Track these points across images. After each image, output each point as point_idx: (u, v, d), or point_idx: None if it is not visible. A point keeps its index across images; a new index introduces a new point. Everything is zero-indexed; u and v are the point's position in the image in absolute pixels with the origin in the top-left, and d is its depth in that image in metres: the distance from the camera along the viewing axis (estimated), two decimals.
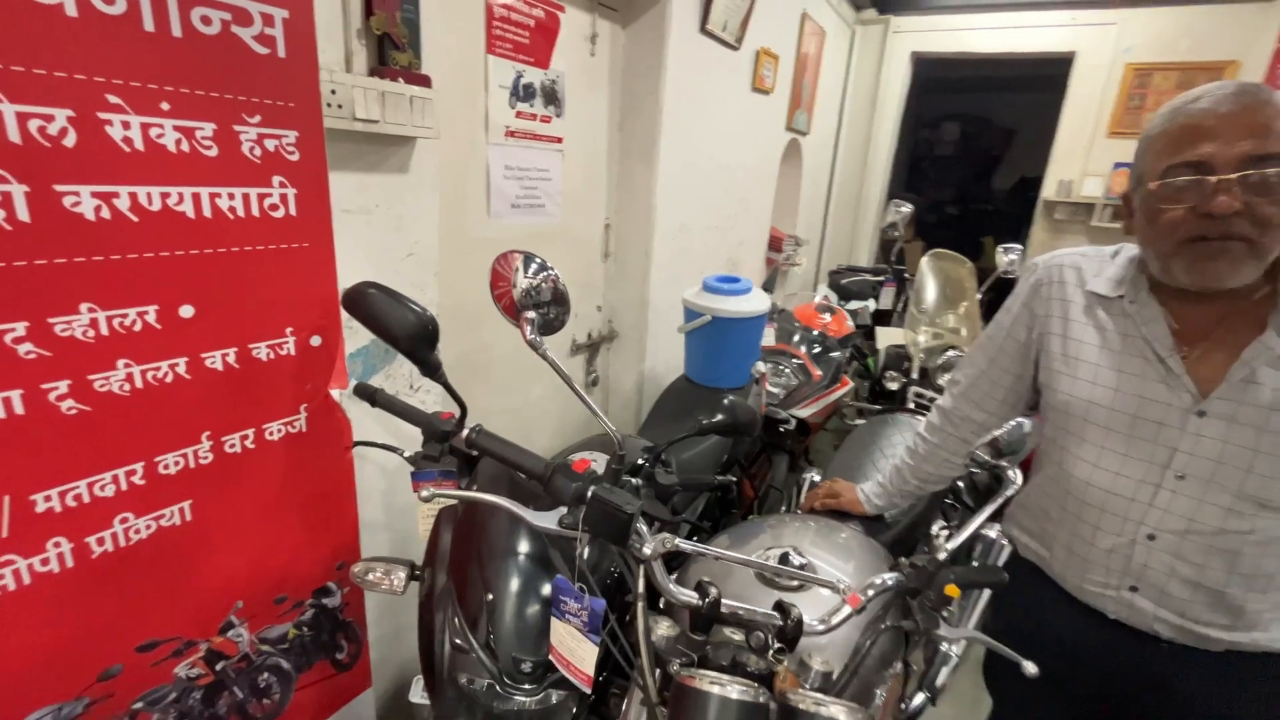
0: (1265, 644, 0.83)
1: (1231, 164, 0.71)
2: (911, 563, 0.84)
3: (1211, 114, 0.73)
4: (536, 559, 0.95)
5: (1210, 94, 0.74)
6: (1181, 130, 0.75)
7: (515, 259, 0.77)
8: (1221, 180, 0.71)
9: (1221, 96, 0.73)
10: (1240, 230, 0.72)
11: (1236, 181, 0.70)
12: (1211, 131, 0.72)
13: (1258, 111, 0.71)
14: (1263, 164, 0.70)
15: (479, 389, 1.88)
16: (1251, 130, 0.70)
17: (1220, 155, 0.72)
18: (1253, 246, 0.73)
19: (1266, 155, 0.70)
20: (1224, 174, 0.71)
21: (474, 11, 1.61)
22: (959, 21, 4.01)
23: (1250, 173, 0.70)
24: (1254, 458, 0.78)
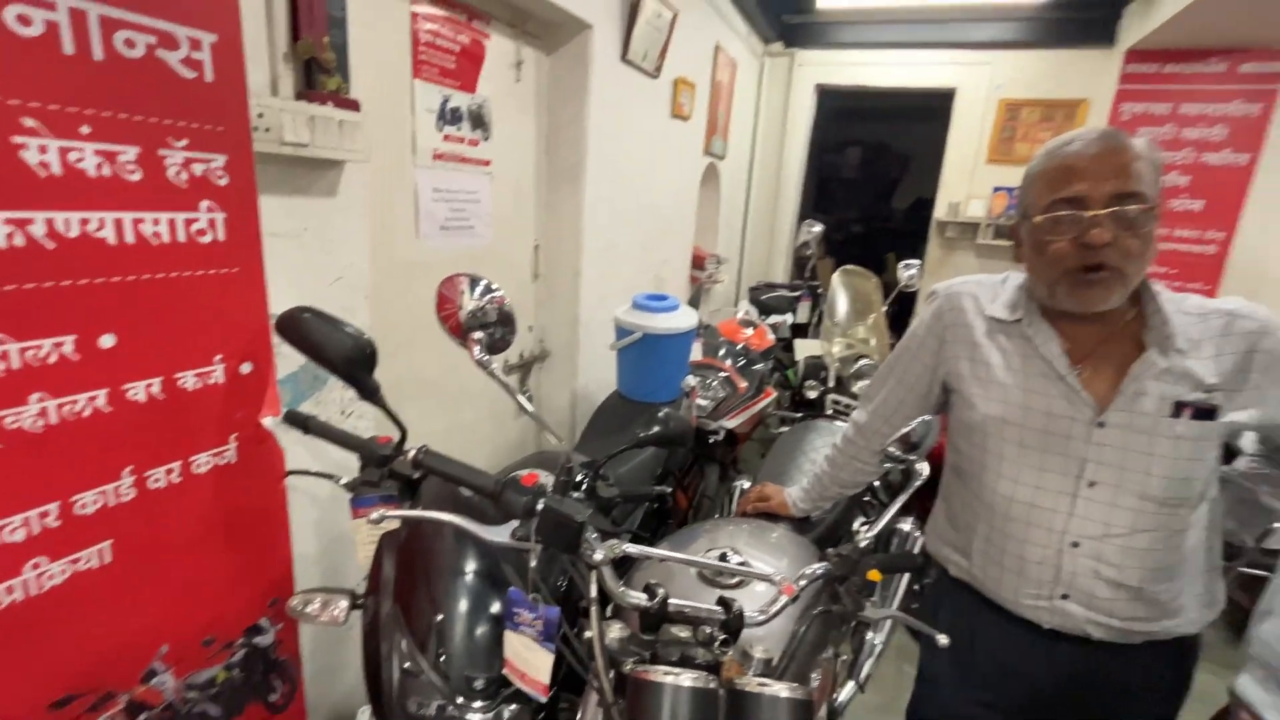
0: (1175, 630, 0.92)
1: (1101, 201, 0.81)
2: (838, 552, 0.91)
3: (1083, 156, 0.83)
4: (486, 576, 0.96)
5: (1080, 138, 0.85)
6: (1058, 170, 0.85)
7: (461, 282, 0.80)
8: (1095, 215, 0.81)
9: (1089, 140, 0.84)
10: (1111, 260, 0.82)
11: (1106, 216, 0.81)
12: (1084, 172, 0.82)
13: (1119, 155, 0.81)
14: (1125, 201, 0.80)
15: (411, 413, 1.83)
16: (1116, 171, 0.81)
17: (1092, 193, 0.81)
18: (1121, 274, 0.83)
19: (1128, 193, 0.81)
20: (1096, 210, 0.81)
21: (400, 37, 1.62)
22: (856, 57, 4.35)
23: (1117, 209, 0.81)
24: (1150, 461, 0.86)
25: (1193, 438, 0.85)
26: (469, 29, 1.81)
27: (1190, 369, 0.85)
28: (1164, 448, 0.85)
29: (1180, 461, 0.85)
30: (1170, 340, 0.85)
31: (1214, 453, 0.88)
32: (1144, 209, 0.81)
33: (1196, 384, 0.85)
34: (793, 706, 0.69)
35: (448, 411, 2.01)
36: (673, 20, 2.58)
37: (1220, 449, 0.90)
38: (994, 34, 4.00)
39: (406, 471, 1.02)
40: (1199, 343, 0.86)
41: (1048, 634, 0.95)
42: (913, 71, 4.25)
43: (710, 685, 0.70)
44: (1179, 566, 0.90)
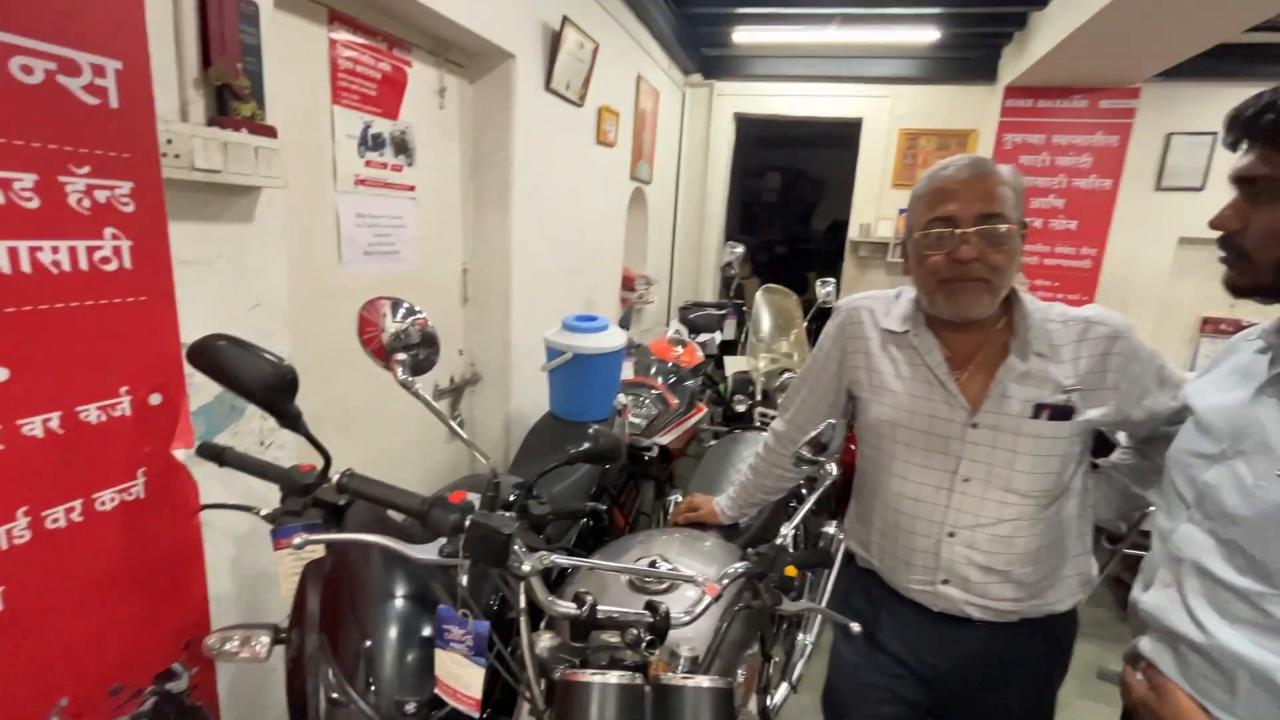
0: (1047, 608, 1.01)
1: (970, 220, 0.91)
2: (757, 551, 0.97)
3: (955, 180, 0.93)
4: (416, 598, 0.96)
5: (954, 164, 0.96)
6: (934, 192, 0.95)
7: (383, 305, 0.81)
8: (964, 232, 0.91)
9: (961, 166, 0.95)
10: (978, 273, 0.92)
11: (974, 233, 0.91)
12: (955, 194, 0.92)
13: (985, 180, 0.92)
14: (991, 220, 0.91)
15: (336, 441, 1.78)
16: (982, 195, 0.92)
17: (962, 212, 0.91)
18: (989, 285, 0.92)
19: (993, 214, 0.91)
20: (965, 228, 0.91)
21: (319, 64, 1.61)
22: (771, 88, 4.62)
23: (983, 227, 0.91)
24: (1014, 458, 0.95)
25: (1050, 436, 0.95)
26: (390, 57, 1.82)
27: (1050, 373, 0.95)
28: (1026, 446, 0.95)
29: (1040, 458, 0.95)
30: (1029, 346, 0.96)
31: (1075, 449, 0.98)
32: (1007, 228, 0.92)
33: (1056, 387, 0.95)
34: (714, 695, 0.74)
35: (375, 438, 1.97)
36: (594, 51, 2.67)
37: (1084, 445, 1.00)
38: (893, 70, 4.35)
39: (331, 498, 1.00)
40: (1059, 348, 0.97)
41: (938, 616, 1.03)
42: (822, 103, 4.55)
43: (636, 681, 0.74)
44: (1043, 552, 0.98)
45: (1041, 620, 1.02)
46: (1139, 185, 4.08)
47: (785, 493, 1.40)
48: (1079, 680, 2.24)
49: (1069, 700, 2.13)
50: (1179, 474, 0.80)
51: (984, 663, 1.04)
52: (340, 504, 1.02)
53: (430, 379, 2.24)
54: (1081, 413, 0.95)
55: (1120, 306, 4.24)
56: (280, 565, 1.04)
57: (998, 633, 1.02)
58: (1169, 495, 0.82)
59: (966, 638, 1.03)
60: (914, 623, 1.06)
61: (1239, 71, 3.75)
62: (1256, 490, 0.69)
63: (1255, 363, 0.76)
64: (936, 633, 1.05)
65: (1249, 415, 0.72)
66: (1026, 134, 4.00)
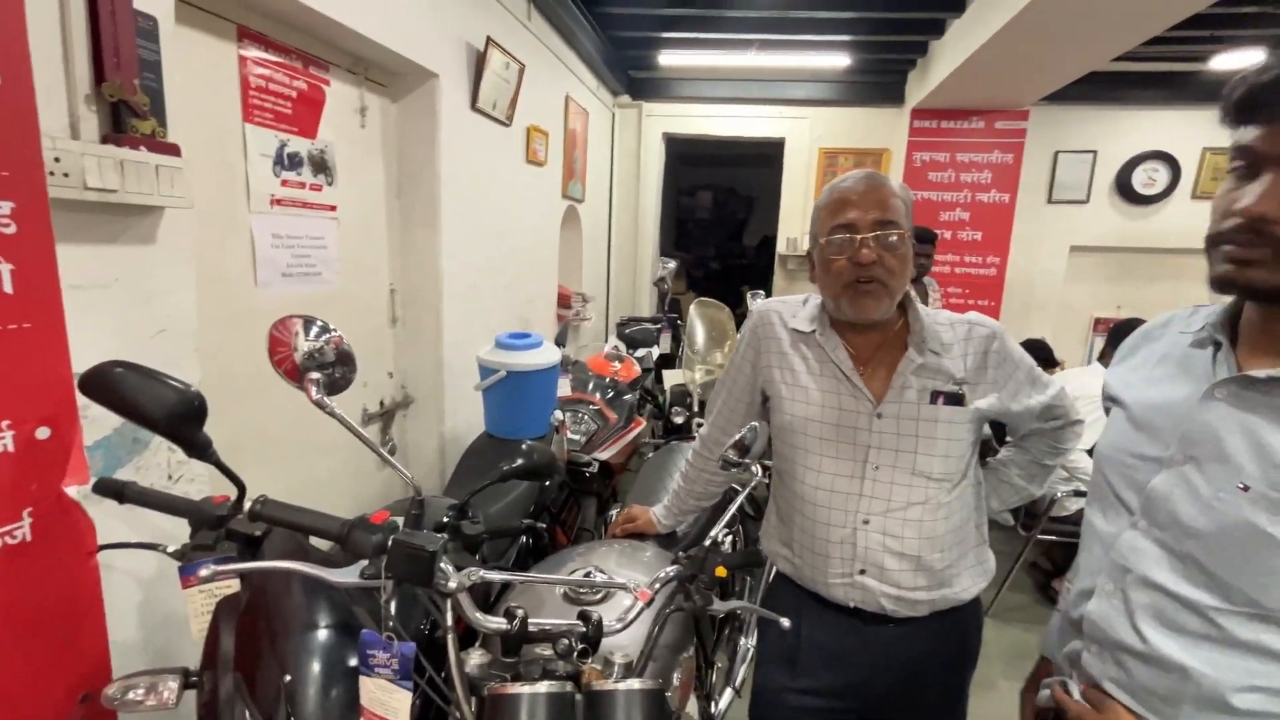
0: (953, 598, 1.06)
1: (867, 226, 0.99)
2: (688, 554, 1.00)
3: (853, 191, 1.02)
4: (339, 626, 0.92)
5: (852, 177, 1.04)
6: (835, 202, 1.03)
7: (294, 324, 0.79)
8: (863, 238, 0.99)
9: (858, 179, 1.03)
10: (877, 275, 0.99)
11: (872, 239, 0.99)
12: (854, 203, 1.00)
13: (879, 192, 1.01)
14: (886, 228, 0.99)
15: (255, 472, 1.70)
16: (877, 204, 1.00)
17: (860, 220, 0.99)
18: (886, 289, 1.00)
19: (887, 221, 0.99)
20: (864, 234, 0.99)
21: (227, 81, 1.56)
22: (698, 110, 4.77)
23: (879, 233, 0.99)
24: (916, 443, 1.02)
25: (947, 421, 1.03)
26: (305, 75, 1.79)
27: (943, 365, 1.04)
28: (926, 430, 1.02)
29: (940, 442, 1.03)
30: (925, 342, 1.04)
31: (970, 437, 1.06)
32: (899, 234, 1.00)
33: (949, 377, 1.04)
34: (646, 697, 0.75)
35: (300, 467, 1.88)
36: (521, 72, 2.69)
37: (976, 436, 1.09)
38: (811, 93, 4.59)
39: (246, 529, 0.96)
40: (949, 345, 1.06)
41: (855, 614, 1.08)
42: (747, 123, 4.74)
43: (567, 689, 0.74)
44: (949, 537, 1.05)
45: (948, 613, 1.08)
46: (1033, 199, 4.45)
47: (719, 497, 1.43)
48: (1004, 662, 2.39)
49: (993, 681, 2.26)
50: (1116, 475, 0.76)
51: (901, 664, 1.08)
52: (256, 534, 0.98)
53: (359, 403, 2.17)
54: (971, 401, 1.04)
55: (1024, 310, 4.61)
56: (191, 604, 0.98)
57: (911, 629, 1.07)
58: (1104, 496, 0.78)
59: (883, 637, 1.08)
60: (834, 627, 1.10)
61: (1110, 96, 4.19)
62: (1215, 503, 0.65)
63: (1192, 357, 0.72)
64: (856, 634, 1.09)
65: (1199, 419, 0.67)
66: (933, 152, 4.30)
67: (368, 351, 2.20)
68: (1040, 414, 1.10)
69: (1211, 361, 0.69)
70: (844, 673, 1.11)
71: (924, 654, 1.09)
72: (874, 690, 1.11)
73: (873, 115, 4.54)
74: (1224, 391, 0.67)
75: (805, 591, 1.14)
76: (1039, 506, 2.58)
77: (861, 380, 1.06)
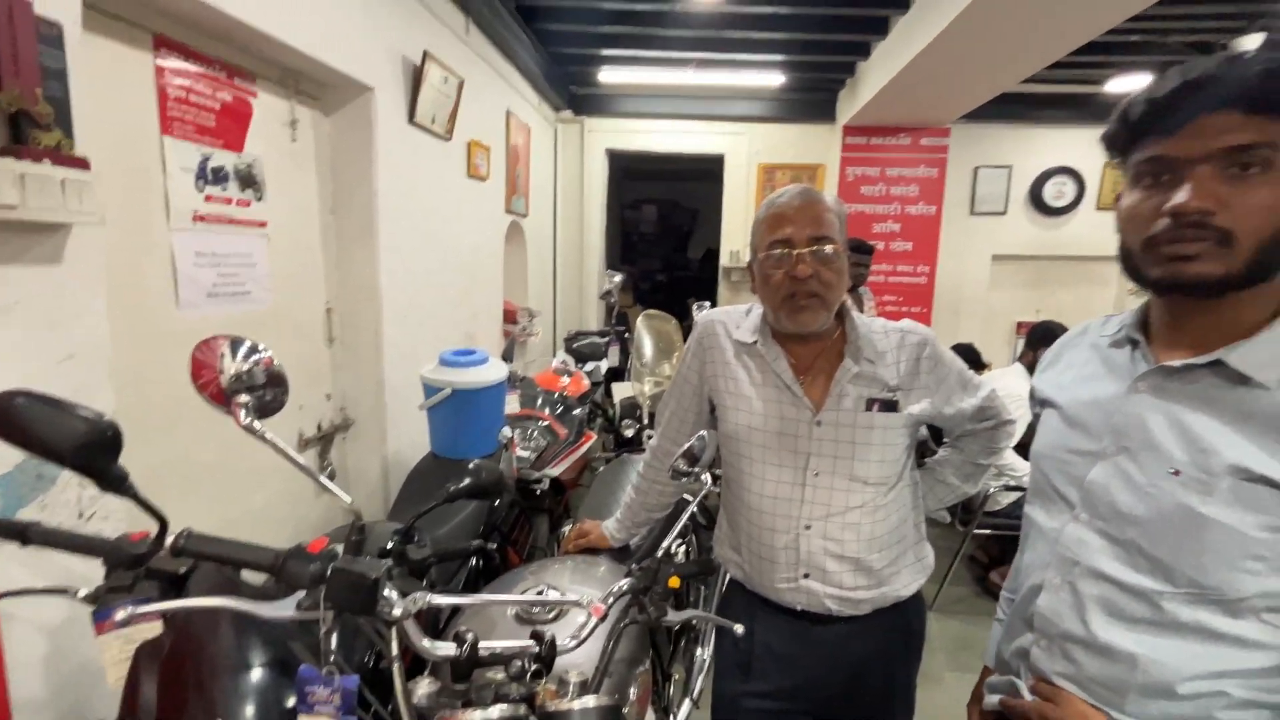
0: (894, 595, 1.10)
1: (803, 241, 1.02)
2: (640, 566, 0.99)
3: (789, 206, 1.05)
4: (275, 666, 0.87)
5: (788, 193, 1.07)
6: (773, 218, 1.06)
7: (220, 344, 0.75)
8: (799, 253, 1.02)
9: (794, 194, 1.07)
10: (813, 289, 1.02)
11: (808, 254, 1.02)
12: (790, 219, 1.03)
13: (814, 208, 1.04)
14: (821, 242, 1.03)
15: (181, 505, 1.59)
16: (812, 220, 1.03)
17: (796, 235, 1.02)
18: (823, 301, 1.03)
19: (822, 236, 1.03)
20: (800, 248, 1.02)
21: (143, 92, 1.48)
22: (639, 125, 4.84)
23: (815, 248, 1.02)
24: (853, 449, 1.06)
25: (882, 427, 1.07)
26: (230, 86, 1.71)
27: (878, 374, 1.08)
28: (863, 437, 1.06)
29: (876, 447, 1.06)
30: (860, 352, 1.08)
31: (905, 441, 1.10)
32: (834, 248, 1.04)
33: (883, 385, 1.08)
34: (601, 714, 0.74)
35: (233, 497, 1.78)
36: (459, 86, 2.66)
37: (912, 440, 1.13)
38: (748, 110, 4.73)
39: (169, 567, 0.89)
40: (884, 353, 1.09)
41: (802, 616, 1.10)
42: (687, 139, 4.84)
43: (520, 713, 0.72)
44: (888, 538, 1.09)
45: (891, 609, 1.11)
46: (957, 211, 4.72)
47: (671, 508, 1.43)
48: (946, 654, 2.48)
49: (939, 674, 2.34)
50: (1055, 471, 0.79)
51: (849, 661, 1.11)
52: (180, 572, 0.91)
53: (294, 427, 2.07)
54: (905, 407, 1.08)
55: (953, 316, 4.85)
56: (106, 652, 0.90)
57: (857, 627, 1.10)
58: (1045, 493, 0.81)
59: (830, 637, 1.10)
60: (784, 630, 1.12)
61: (1022, 115, 4.51)
62: (1150, 489, 0.68)
63: (1113, 357, 0.76)
64: (804, 636, 1.11)
65: (1127, 411, 0.71)
66: (865, 167, 4.50)
67: (303, 373, 2.11)
68: (973, 416, 1.15)
69: (1130, 359, 0.74)
70: (795, 674, 1.12)
71: (870, 650, 1.12)
72: (825, 689, 1.13)
73: (807, 132, 4.72)
74: (1146, 384, 0.71)
75: (756, 596, 1.16)
76: (974, 502, 2.70)
77: (802, 389, 1.08)
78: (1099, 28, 2.55)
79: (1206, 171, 0.61)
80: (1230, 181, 0.61)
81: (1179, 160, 0.63)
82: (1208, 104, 0.61)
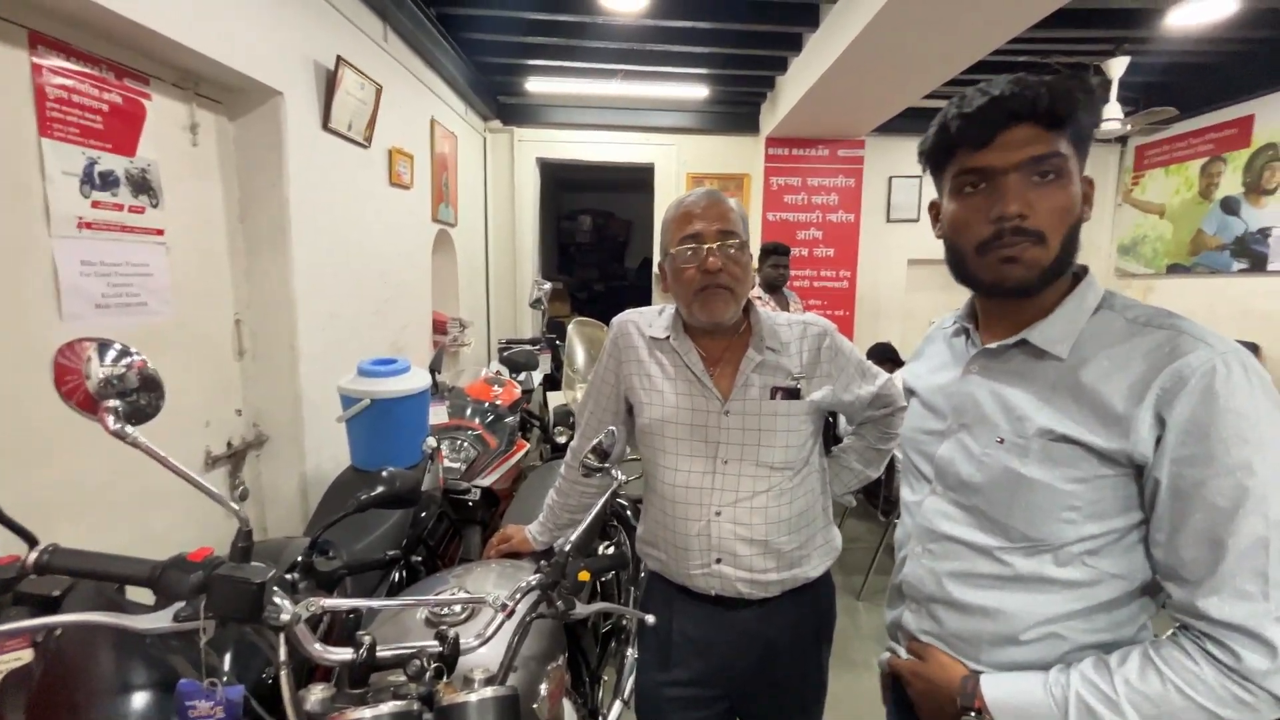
0: (803, 576, 1.14)
1: (712, 236, 1.07)
2: (549, 562, 1.00)
3: (697, 205, 1.09)
4: (159, 686, 0.83)
5: (695, 194, 1.12)
6: (682, 216, 1.10)
7: (85, 348, 0.72)
8: (709, 248, 1.07)
9: (700, 195, 1.11)
10: (723, 281, 1.07)
11: (717, 249, 1.07)
12: (699, 216, 1.08)
13: (719, 206, 1.09)
14: (727, 238, 1.07)
15: (71, 531, 1.50)
16: (719, 217, 1.08)
17: (705, 231, 1.06)
18: (732, 293, 1.08)
19: (728, 232, 1.07)
20: (710, 243, 1.07)
21: (17, 91, 1.39)
22: (569, 135, 4.87)
23: (723, 243, 1.07)
24: (759, 435, 1.10)
25: (785, 414, 1.12)
26: (119, 87, 1.63)
27: (782, 363, 1.14)
28: (768, 424, 1.10)
29: (780, 433, 1.11)
30: (763, 341, 1.13)
31: (809, 428, 1.15)
32: (739, 243, 1.09)
33: (786, 374, 1.13)
34: (498, 704, 0.74)
35: (129, 521, 1.67)
36: (378, 93, 2.62)
37: (816, 426, 1.18)
38: (676, 121, 4.84)
39: (40, 590, 0.84)
40: (787, 344, 1.15)
41: (716, 601, 1.13)
42: (617, 149, 4.91)
43: (414, 709, 0.72)
44: (795, 521, 1.12)
45: (801, 590, 1.16)
46: (874, 219, 4.97)
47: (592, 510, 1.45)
48: (874, 640, 2.58)
49: (867, 660, 2.44)
50: (914, 451, 0.88)
51: (761, 643, 1.15)
52: (54, 594, 0.86)
53: (201, 444, 1.96)
54: (807, 394, 1.14)
55: (874, 318, 5.09)
56: None
57: (768, 609, 1.14)
58: (909, 471, 0.90)
59: (743, 619, 1.14)
60: (700, 616, 1.15)
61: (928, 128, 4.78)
62: (984, 458, 0.76)
63: (955, 346, 0.87)
64: (718, 620, 1.14)
65: (963, 391, 0.81)
66: (787, 177, 4.68)
67: (210, 387, 2.01)
68: (871, 403, 1.22)
69: (965, 346, 0.84)
70: (710, 659, 1.16)
71: (782, 631, 1.16)
72: (740, 672, 1.16)
73: (733, 143, 4.87)
74: (975, 366, 0.81)
75: (674, 586, 1.18)
76: (895, 493, 2.84)
77: (712, 381, 1.12)
78: (986, 47, 2.77)
79: (1016, 179, 0.70)
80: (1034, 188, 0.69)
81: (993, 170, 0.71)
82: (1011, 117, 0.69)
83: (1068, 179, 0.70)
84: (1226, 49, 3.72)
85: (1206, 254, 4.23)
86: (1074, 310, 0.73)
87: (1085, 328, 0.72)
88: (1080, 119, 0.70)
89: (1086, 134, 0.72)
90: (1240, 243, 4.01)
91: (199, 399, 1.95)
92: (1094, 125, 0.73)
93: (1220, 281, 4.15)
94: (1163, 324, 0.68)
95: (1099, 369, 0.69)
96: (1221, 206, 4.11)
